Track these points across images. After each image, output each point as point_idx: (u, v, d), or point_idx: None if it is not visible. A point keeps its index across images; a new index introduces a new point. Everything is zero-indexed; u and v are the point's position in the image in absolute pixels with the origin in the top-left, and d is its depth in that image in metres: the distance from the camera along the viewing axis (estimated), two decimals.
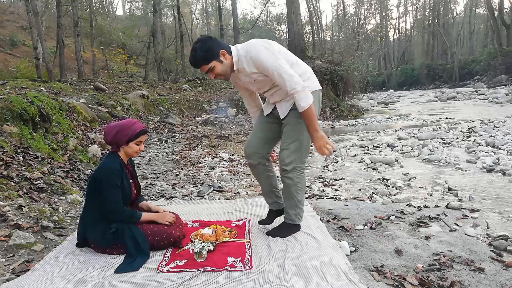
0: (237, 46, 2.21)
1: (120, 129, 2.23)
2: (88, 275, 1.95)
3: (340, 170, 5.05)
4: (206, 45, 2.10)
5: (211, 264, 2.03)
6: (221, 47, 2.13)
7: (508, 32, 29.52)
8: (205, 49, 2.09)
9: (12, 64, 20.98)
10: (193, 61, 2.16)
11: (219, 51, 2.11)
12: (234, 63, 2.16)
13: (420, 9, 44.65)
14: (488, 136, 6.70)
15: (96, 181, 2.21)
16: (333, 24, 48.88)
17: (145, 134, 2.33)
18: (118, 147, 2.27)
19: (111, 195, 2.16)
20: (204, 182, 4.34)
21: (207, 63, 2.11)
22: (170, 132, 8.94)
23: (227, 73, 2.19)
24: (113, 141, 2.25)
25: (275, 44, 2.24)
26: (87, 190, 2.32)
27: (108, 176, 2.17)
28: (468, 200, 3.39)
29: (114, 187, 2.17)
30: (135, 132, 2.24)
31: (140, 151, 2.33)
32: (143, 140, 2.33)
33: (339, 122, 12.50)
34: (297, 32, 18.06)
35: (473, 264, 2.04)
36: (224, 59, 2.14)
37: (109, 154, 2.31)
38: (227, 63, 2.15)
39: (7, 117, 4.10)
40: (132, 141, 2.25)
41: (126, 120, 2.32)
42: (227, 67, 2.16)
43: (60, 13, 15.63)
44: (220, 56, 2.12)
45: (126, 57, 21.26)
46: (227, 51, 2.14)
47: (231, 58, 2.15)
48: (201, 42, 2.12)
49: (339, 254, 2.13)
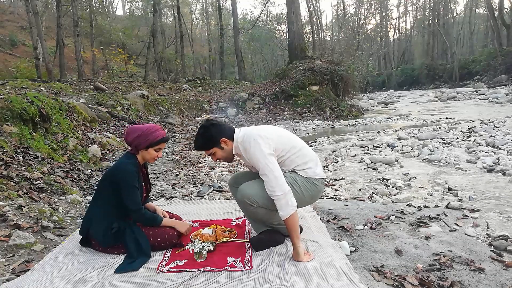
0: (241, 130, 2.26)
1: (142, 133, 2.22)
2: (88, 275, 1.95)
3: (340, 170, 5.05)
4: (207, 134, 2.20)
5: (211, 264, 2.03)
6: (223, 135, 2.20)
7: (508, 32, 29.50)
8: (207, 137, 2.20)
9: (12, 64, 20.98)
10: (195, 146, 2.28)
11: (220, 139, 2.19)
12: (234, 148, 2.23)
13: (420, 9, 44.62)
14: (488, 136, 6.69)
15: (110, 179, 2.22)
16: (333, 24, 48.84)
17: (166, 142, 2.32)
18: (137, 150, 2.27)
19: (131, 195, 2.17)
20: (204, 182, 4.34)
21: (208, 149, 2.23)
22: (170, 132, 8.94)
23: (227, 158, 2.28)
24: (133, 143, 2.24)
25: (275, 134, 2.20)
26: (98, 186, 2.33)
27: (125, 177, 2.17)
28: (468, 200, 3.39)
29: (133, 188, 2.18)
30: (156, 139, 2.23)
31: (157, 157, 2.33)
32: (163, 148, 2.33)
33: (339, 122, 12.50)
34: (297, 32, 18.05)
35: (473, 264, 2.04)
36: (225, 146, 2.22)
37: (127, 154, 2.32)
38: (228, 149, 2.23)
39: (7, 117, 4.10)
40: (151, 147, 2.25)
41: (149, 125, 2.31)
42: (228, 153, 2.24)
43: (60, 13, 15.63)
44: (221, 143, 2.20)
45: (126, 57, 21.26)
46: (228, 137, 2.21)
47: (232, 143, 2.22)
48: (204, 129, 2.22)
49: (339, 254, 2.13)
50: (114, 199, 2.19)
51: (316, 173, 2.24)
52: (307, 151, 2.29)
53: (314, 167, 2.25)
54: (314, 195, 2.27)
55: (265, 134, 2.17)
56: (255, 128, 2.26)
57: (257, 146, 2.09)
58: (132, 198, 2.17)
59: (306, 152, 2.27)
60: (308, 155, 2.27)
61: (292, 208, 2.03)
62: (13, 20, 29.54)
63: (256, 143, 2.10)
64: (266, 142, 2.11)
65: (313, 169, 2.24)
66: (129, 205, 2.17)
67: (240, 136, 2.21)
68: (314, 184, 2.23)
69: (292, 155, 2.21)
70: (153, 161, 2.34)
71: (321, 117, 13.02)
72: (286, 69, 16.80)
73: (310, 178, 2.22)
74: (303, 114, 13.23)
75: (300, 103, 13.74)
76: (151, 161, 2.35)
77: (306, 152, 2.27)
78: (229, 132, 2.23)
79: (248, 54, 36.21)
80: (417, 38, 48.60)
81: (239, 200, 2.24)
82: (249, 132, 2.19)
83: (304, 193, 2.20)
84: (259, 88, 15.78)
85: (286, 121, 12.30)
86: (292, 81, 14.74)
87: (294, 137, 2.33)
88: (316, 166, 2.27)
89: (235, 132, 2.24)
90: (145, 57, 25.15)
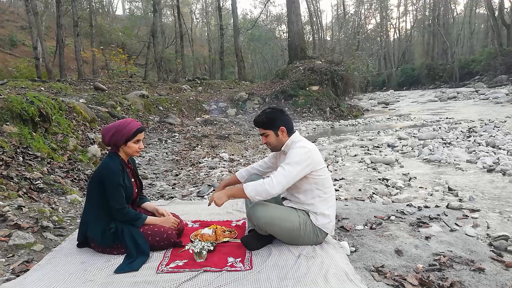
0: (298, 135, 2.33)
1: (116, 130, 2.22)
2: (88, 275, 1.95)
3: (340, 170, 5.05)
4: (273, 115, 2.29)
5: (211, 264, 2.03)
6: (283, 124, 2.28)
7: (508, 32, 29.47)
8: (270, 118, 2.29)
9: (11, 64, 20.97)
10: (255, 120, 2.36)
11: (280, 126, 2.27)
12: (286, 144, 2.30)
13: (420, 9, 44.59)
14: (488, 136, 6.69)
15: (96, 180, 2.21)
16: (333, 24, 48.84)
17: (142, 132, 2.31)
18: (117, 147, 2.26)
19: (115, 195, 2.16)
20: (204, 182, 4.34)
21: (264, 128, 2.31)
22: (170, 132, 8.93)
23: (276, 146, 2.34)
24: (111, 142, 2.24)
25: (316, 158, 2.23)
26: (87, 189, 2.32)
27: (108, 176, 2.16)
28: (468, 200, 3.39)
29: (117, 187, 2.17)
30: (131, 131, 2.23)
31: (140, 149, 2.32)
32: (141, 138, 2.32)
33: (339, 122, 12.49)
34: (297, 32, 18.03)
35: (473, 264, 2.04)
36: (281, 135, 2.29)
37: (109, 154, 2.30)
38: (282, 139, 2.30)
39: (7, 117, 4.10)
40: (130, 141, 2.24)
41: (122, 121, 2.29)
42: (279, 142, 2.31)
43: (60, 13, 15.61)
44: (279, 130, 2.28)
45: (126, 57, 21.24)
46: (287, 130, 2.29)
47: (287, 138, 2.30)
48: (271, 110, 2.33)
49: (341, 255, 2.13)
50: (105, 200, 2.19)
51: (326, 226, 2.25)
52: (330, 185, 2.30)
53: (330, 219, 2.26)
54: (310, 242, 2.25)
55: (318, 153, 2.23)
56: (313, 144, 2.31)
57: (300, 156, 2.14)
58: (116, 197, 2.16)
59: (328, 185, 2.27)
60: (333, 202, 2.29)
61: (258, 197, 2.11)
62: (13, 20, 29.53)
63: (304, 150, 2.16)
64: (313, 158, 2.16)
65: (327, 220, 2.24)
66: (113, 205, 2.16)
67: (298, 138, 2.30)
68: (317, 234, 2.24)
69: (324, 187, 2.23)
70: (136, 154, 2.32)
71: (321, 117, 13.01)
72: (286, 69, 16.79)
73: (318, 227, 2.23)
74: (303, 114, 13.23)
75: (300, 103, 13.73)
76: (135, 154, 2.33)
77: (328, 186, 2.28)
78: (291, 126, 2.31)
79: (248, 54, 36.19)
80: (417, 38, 48.56)
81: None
82: (302, 144, 2.23)
83: (305, 238, 2.22)
84: (259, 88, 15.77)
85: None
86: (292, 81, 14.74)
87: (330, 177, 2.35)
88: (332, 219, 2.28)
89: (296, 132, 2.34)
90: (145, 57, 25.13)
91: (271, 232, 2.20)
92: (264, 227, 2.16)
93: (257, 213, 2.16)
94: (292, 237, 2.21)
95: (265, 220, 2.14)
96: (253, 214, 2.18)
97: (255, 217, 2.16)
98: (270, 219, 2.15)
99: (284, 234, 2.21)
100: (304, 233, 2.20)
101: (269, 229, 2.18)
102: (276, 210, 2.21)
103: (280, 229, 2.18)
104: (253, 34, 31.96)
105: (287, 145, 2.29)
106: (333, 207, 2.29)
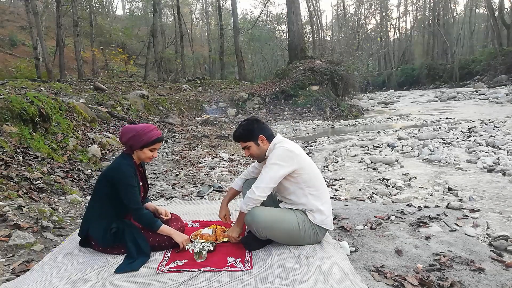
0: (279, 137, 2.35)
1: (136, 133, 2.20)
2: (88, 275, 1.94)
3: (340, 170, 5.04)
4: (249, 126, 2.32)
5: (211, 264, 2.03)
6: (262, 133, 2.30)
7: (508, 32, 29.49)
8: (247, 130, 2.31)
9: (11, 64, 20.98)
10: (234, 135, 2.38)
11: (259, 135, 2.29)
12: (268, 149, 2.31)
13: (420, 9, 44.57)
14: (488, 136, 6.69)
15: (106, 179, 2.20)
16: (333, 24, 48.83)
17: (161, 142, 2.31)
18: (132, 150, 2.25)
19: (131, 195, 2.16)
20: (204, 182, 4.34)
21: (244, 141, 2.32)
22: (170, 132, 8.93)
23: (260, 155, 2.35)
24: (128, 144, 2.23)
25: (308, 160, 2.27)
26: (95, 186, 2.31)
27: (123, 178, 2.16)
28: (468, 200, 3.39)
29: (132, 187, 2.17)
30: (150, 139, 2.21)
31: (153, 157, 2.31)
32: (158, 148, 2.32)
33: (339, 122, 12.49)
34: (297, 32, 18.03)
35: (473, 264, 2.04)
36: (262, 144, 2.31)
37: (122, 154, 2.29)
38: (263, 148, 2.32)
39: (7, 117, 4.10)
40: (146, 147, 2.23)
41: (144, 125, 2.27)
42: (261, 151, 2.33)
43: (60, 13, 15.62)
44: (258, 140, 2.30)
45: (126, 57, 21.27)
46: (266, 137, 2.31)
47: (268, 144, 2.32)
48: (247, 122, 2.36)
49: (341, 255, 2.13)
50: (112, 200, 2.18)
51: (324, 222, 2.25)
52: (324, 189, 2.31)
53: (327, 215, 2.26)
54: (311, 241, 2.26)
55: (300, 153, 2.23)
56: (294, 144, 2.32)
57: (281, 152, 2.17)
58: (131, 197, 2.16)
59: (323, 191, 2.28)
60: (327, 198, 2.29)
61: (247, 207, 2.17)
62: (13, 20, 29.54)
63: (282, 149, 2.18)
64: (291, 158, 2.16)
65: (323, 216, 2.24)
66: (129, 204, 2.16)
67: (278, 140, 2.31)
68: (316, 232, 2.24)
69: (317, 189, 2.23)
70: (148, 160, 2.32)
71: (321, 117, 13.01)
72: (286, 69, 16.80)
73: (316, 225, 2.23)
74: (303, 114, 13.23)
75: (300, 103, 13.74)
76: (147, 161, 2.33)
77: (323, 191, 2.28)
78: (270, 133, 2.34)
79: (248, 54, 36.19)
80: (417, 38, 48.56)
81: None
82: (287, 142, 2.27)
83: (306, 238, 2.23)
84: (259, 88, 15.77)
85: (286, 121, 12.30)
86: (292, 81, 14.74)
87: (319, 173, 2.35)
88: (329, 215, 2.28)
89: (278, 136, 2.35)
90: (145, 57, 25.14)
91: (271, 236, 2.20)
92: (264, 232, 2.16)
93: (255, 217, 2.16)
94: (293, 239, 2.21)
95: (265, 224, 2.14)
96: (251, 220, 2.17)
97: (254, 222, 2.16)
98: (270, 222, 2.15)
99: (285, 237, 2.21)
100: (304, 233, 2.20)
101: (269, 233, 2.18)
102: (272, 212, 2.22)
103: (280, 232, 2.18)
104: (253, 34, 31.94)
105: (270, 150, 2.30)
106: (327, 203, 2.29)
